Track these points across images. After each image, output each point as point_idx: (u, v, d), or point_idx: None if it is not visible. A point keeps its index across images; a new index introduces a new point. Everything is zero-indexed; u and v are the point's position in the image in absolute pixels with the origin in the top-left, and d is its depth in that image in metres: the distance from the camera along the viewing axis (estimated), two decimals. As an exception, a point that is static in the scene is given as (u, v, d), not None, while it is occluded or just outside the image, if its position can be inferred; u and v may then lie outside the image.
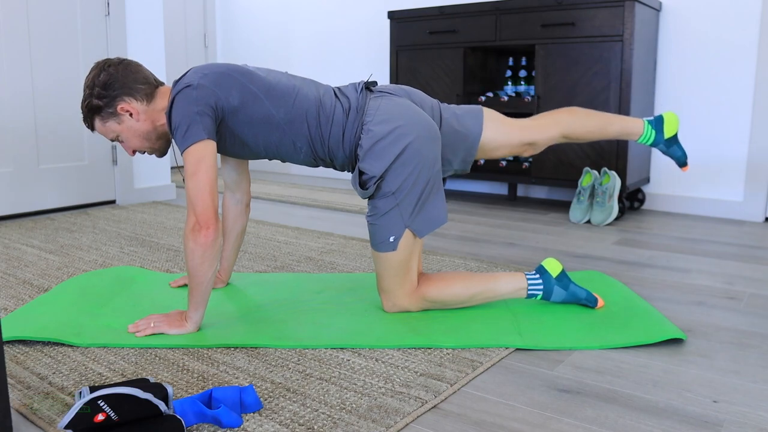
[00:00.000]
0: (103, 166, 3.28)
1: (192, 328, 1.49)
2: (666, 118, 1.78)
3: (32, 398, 1.20)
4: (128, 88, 1.55)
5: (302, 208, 3.30)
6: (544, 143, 1.71)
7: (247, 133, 1.57)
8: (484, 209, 3.21)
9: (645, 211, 3.14)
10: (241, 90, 1.53)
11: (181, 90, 1.48)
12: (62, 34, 3.07)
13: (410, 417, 1.13)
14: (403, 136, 1.52)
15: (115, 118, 1.57)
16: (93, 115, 1.58)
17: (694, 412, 1.16)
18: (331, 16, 4.36)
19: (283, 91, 1.57)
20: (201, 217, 1.41)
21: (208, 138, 1.45)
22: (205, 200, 1.41)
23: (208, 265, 1.43)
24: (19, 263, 2.17)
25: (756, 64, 2.86)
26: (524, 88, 3.35)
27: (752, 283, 1.97)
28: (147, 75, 1.59)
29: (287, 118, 1.56)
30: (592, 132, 1.73)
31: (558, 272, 1.66)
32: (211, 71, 1.53)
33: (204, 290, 1.45)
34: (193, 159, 1.43)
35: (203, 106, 1.46)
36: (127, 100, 1.55)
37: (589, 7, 2.84)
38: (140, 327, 1.49)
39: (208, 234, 1.41)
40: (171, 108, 1.48)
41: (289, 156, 1.62)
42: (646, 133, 1.77)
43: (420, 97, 1.67)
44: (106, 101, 1.55)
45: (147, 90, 1.57)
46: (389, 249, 1.56)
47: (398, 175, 1.53)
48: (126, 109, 1.55)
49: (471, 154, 1.68)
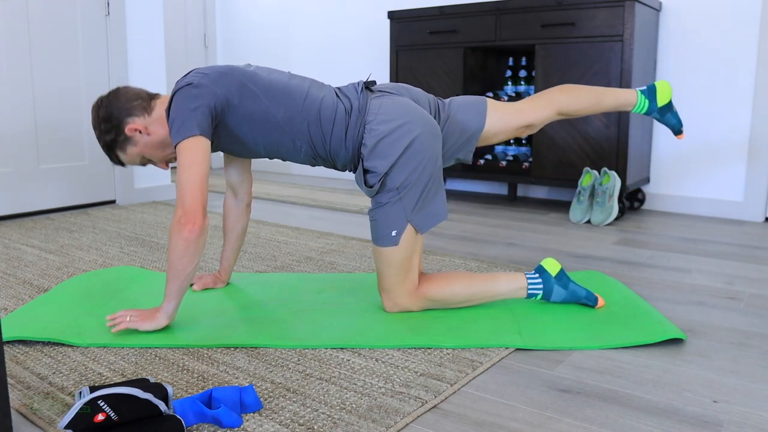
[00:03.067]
0: (103, 166, 3.28)
1: (164, 321, 1.48)
2: (658, 86, 1.80)
3: (32, 398, 1.20)
4: (125, 110, 1.58)
5: (302, 208, 3.30)
6: (540, 123, 1.74)
7: (246, 132, 1.58)
8: (484, 209, 3.21)
9: (645, 211, 3.14)
10: (241, 89, 1.54)
11: (181, 88, 1.50)
12: (62, 34, 3.07)
13: (410, 417, 1.13)
14: (407, 132, 1.53)
15: (130, 142, 1.61)
16: (113, 151, 1.63)
17: (694, 412, 1.16)
18: (331, 16, 4.36)
19: (282, 91, 1.57)
20: (188, 211, 1.42)
21: (202, 134, 1.46)
22: (194, 195, 1.42)
23: (188, 260, 1.43)
24: (19, 263, 2.17)
25: (756, 64, 2.86)
26: (524, 88, 3.35)
27: (752, 283, 1.97)
28: (137, 92, 1.62)
29: (287, 118, 1.56)
30: (586, 106, 1.75)
31: (557, 271, 1.66)
32: (212, 71, 1.55)
33: (180, 284, 1.45)
34: (185, 153, 1.44)
35: (200, 104, 1.48)
36: (130, 121, 1.58)
37: (589, 7, 2.84)
38: (117, 320, 1.48)
39: (193, 229, 1.41)
40: (170, 105, 1.50)
41: (289, 155, 1.63)
42: (639, 102, 1.79)
43: (418, 94, 1.68)
44: (115, 131, 1.59)
45: (143, 104, 1.60)
46: (391, 243, 1.56)
47: (402, 171, 1.53)
48: (133, 128, 1.58)
49: (472, 143, 1.70)
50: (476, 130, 1.68)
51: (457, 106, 1.70)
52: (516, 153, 3.44)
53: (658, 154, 3.17)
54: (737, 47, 2.89)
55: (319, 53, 4.46)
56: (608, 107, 1.78)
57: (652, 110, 1.80)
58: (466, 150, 1.71)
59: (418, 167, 1.54)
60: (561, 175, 3.02)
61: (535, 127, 1.74)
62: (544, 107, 1.72)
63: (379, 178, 1.54)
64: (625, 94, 1.78)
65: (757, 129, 2.87)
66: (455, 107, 1.70)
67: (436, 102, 1.70)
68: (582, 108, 1.75)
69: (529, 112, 1.72)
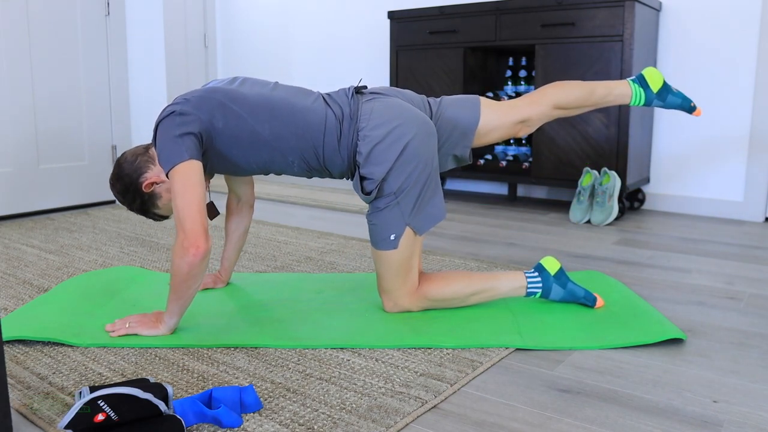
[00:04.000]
0: (103, 166, 3.28)
1: (165, 332, 1.49)
2: (646, 73, 1.77)
3: (32, 398, 1.20)
4: (135, 171, 1.57)
5: (302, 208, 3.30)
6: (537, 118, 1.71)
7: (237, 154, 1.56)
8: (484, 209, 3.21)
9: (645, 211, 3.14)
10: (224, 111, 1.52)
11: (164, 118, 1.49)
12: (62, 34, 3.07)
13: (410, 417, 1.13)
14: (401, 136, 1.53)
15: (155, 197, 1.60)
16: (149, 213, 1.63)
17: (694, 412, 1.16)
18: (331, 16, 4.36)
19: (266, 107, 1.55)
20: (190, 235, 1.39)
21: (191, 158, 1.44)
22: (194, 218, 1.40)
23: (191, 282, 1.42)
24: (19, 263, 2.17)
25: (756, 64, 2.86)
26: (524, 88, 3.35)
27: (752, 283, 1.97)
28: (134, 151, 1.61)
29: (273, 135, 1.55)
30: (580, 100, 1.73)
31: (556, 270, 1.66)
32: (192, 96, 1.53)
33: (183, 303, 1.45)
34: (178, 178, 1.42)
35: (186, 130, 1.46)
36: (143, 180, 1.57)
37: (589, 7, 2.84)
38: (116, 326, 1.49)
39: (197, 253, 1.39)
40: (155, 135, 1.49)
41: (283, 170, 1.62)
42: (634, 92, 1.76)
43: (409, 95, 1.67)
44: (138, 196, 1.59)
45: (144, 157, 1.59)
46: (390, 247, 1.56)
47: (399, 175, 1.53)
48: (148, 184, 1.57)
49: (468, 139, 1.68)
50: (470, 124, 1.67)
51: (448, 102, 1.69)
52: (516, 153, 3.44)
53: (658, 154, 3.17)
54: (737, 47, 2.89)
55: (319, 53, 4.46)
56: (603, 98, 1.74)
57: (650, 98, 1.77)
58: (462, 146, 1.69)
59: (415, 170, 1.54)
60: (561, 175, 3.02)
61: (532, 123, 1.72)
62: (538, 102, 1.71)
63: (376, 185, 1.53)
64: (616, 84, 1.76)
65: (757, 129, 2.87)
66: (446, 104, 1.69)
67: (427, 101, 1.69)
68: (576, 99, 1.73)
69: (523, 106, 1.70)
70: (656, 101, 1.77)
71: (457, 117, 1.67)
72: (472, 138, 1.69)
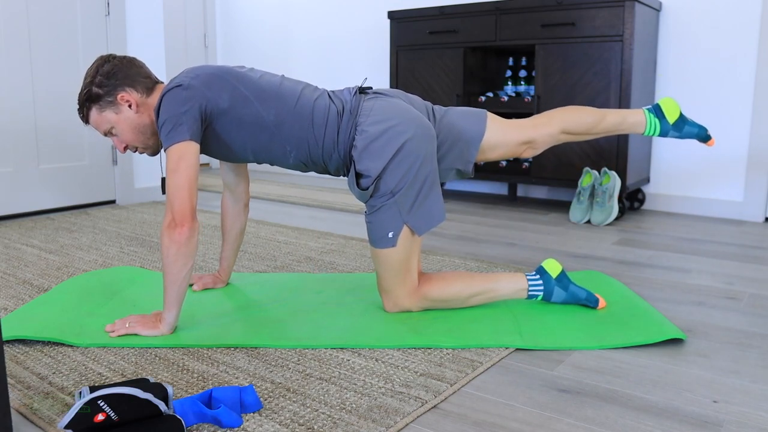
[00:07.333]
0: (103, 166, 3.28)
1: (166, 330, 1.49)
2: (663, 104, 1.73)
3: (32, 398, 1.20)
4: (130, 79, 1.56)
5: (302, 208, 3.30)
6: (542, 141, 1.68)
7: (235, 137, 1.57)
8: (484, 209, 3.21)
9: (645, 211, 3.14)
10: (232, 92, 1.53)
11: (171, 89, 1.49)
12: (62, 34, 3.07)
13: (410, 417, 1.13)
14: (399, 134, 1.53)
15: (113, 108, 1.57)
16: (90, 104, 1.57)
17: (694, 412, 1.16)
18: (331, 16, 4.36)
19: (274, 94, 1.56)
20: (177, 215, 1.42)
21: (191, 139, 1.46)
22: (182, 198, 1.42)
23: (182, 262, 1.43)
24: (19, 263, 2.17)
25: (756, 64, 2.86)
26: (524, 88, 3.35)
27: (752, 283, 1.97)
28: (148, 72, 1.62)
29: (277, 121, 1.56)
30: (589, 126, 1.69)
31: (558, 273, 1.66)
32: (203, 72, 1.53)
33: (178, 289, 1.45)
34: (174, 157, 1.44)
35: (190, 107, 1.47)
36: (128, 90, 1.56)
37: (589, 7, 2.84)
38: (116, 327, 1.49)
39: (182, 231, 1.41)
40: (159, 105, 1.49)
41: (278, 159, 1.62)
42: (649, 123, 1.71)
43: (413, 98, 1.67)
44: (107, 89, 1.55)
45: (148, 84, 1.59)
46: (389, 245, 1.56)
47: (396, 174, 1.52)
48: (126, 99, 1.56)
49: (471, 151, 1.66)
50: (475, 136, 1.64)
51: (455, 112, 1.68)
52: (516, 153, 3.44)
53: (658, 154, 3.17)
54: (737, 47, 2.89)
55: (319, 53, 4.46)
56: (615, 126, 1.71)
57: (666, 129, 1.71)
58: (465, 160, 1.66)
59: (412, 169, 1.53)
60: (561, 175, 3.02)
61: (537, 146, 1.69)
62: (546, 124, 1.68)
63: (372, 181, 1.53)
64: (630, 113, 1.71)
65: (757, 129, 2.87)
66: (453, 113, 1.67)
67: (432, 107, 1.68)
68: (585, 125, 1.69)
69: (530, 128, 1.68)
70: (672, 132, 1.72)
71: (462, 127, 1.65)
72: (476, 151, 1.66)
